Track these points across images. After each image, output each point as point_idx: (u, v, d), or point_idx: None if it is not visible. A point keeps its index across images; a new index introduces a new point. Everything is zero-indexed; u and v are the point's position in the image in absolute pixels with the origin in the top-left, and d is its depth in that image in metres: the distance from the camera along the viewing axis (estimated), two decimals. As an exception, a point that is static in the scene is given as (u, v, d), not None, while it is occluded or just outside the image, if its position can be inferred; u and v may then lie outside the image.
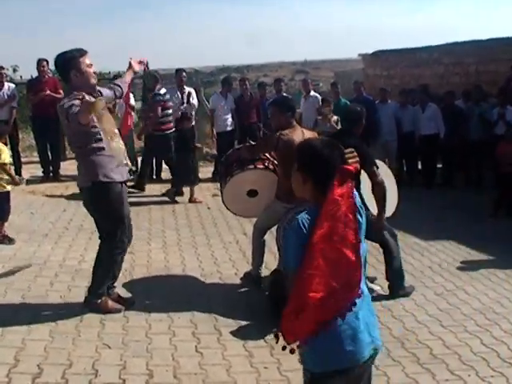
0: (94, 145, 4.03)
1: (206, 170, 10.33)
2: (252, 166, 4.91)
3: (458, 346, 4.06)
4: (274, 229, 4.90)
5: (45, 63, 8.79)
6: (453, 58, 13.32)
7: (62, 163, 9.92)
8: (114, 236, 4.21)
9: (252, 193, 5.06)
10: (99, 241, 4.36)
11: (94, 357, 3.66)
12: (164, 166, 9.91)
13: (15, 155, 9.39)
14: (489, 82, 11.54)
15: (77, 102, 3.86)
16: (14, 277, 4.98)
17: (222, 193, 5.12)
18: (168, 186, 9.10)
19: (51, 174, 9.48)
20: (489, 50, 12.21)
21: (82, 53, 4.05)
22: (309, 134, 4.75)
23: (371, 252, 5.58)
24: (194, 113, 9.42)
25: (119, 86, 4.43)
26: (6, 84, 9.06)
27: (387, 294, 4.92)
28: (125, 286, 4.94)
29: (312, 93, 10.37)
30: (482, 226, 7.43)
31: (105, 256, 4.28)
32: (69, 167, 10.10)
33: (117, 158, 4.11)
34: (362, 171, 4.82)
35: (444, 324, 4.43)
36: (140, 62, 4.56)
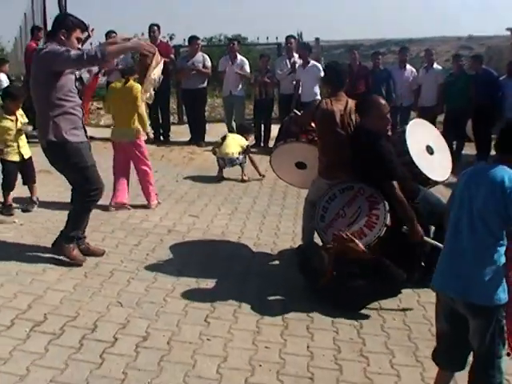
0: (57, 102, 4.11)
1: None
2: (294, 139, 4.61)
3: None
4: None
5: (155, 28, 8.91)
6: None
7: (173, 127, 10.13)
8: (83, 186, 4.34)
9: (301, 164, 4.76)
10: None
11: (102, 312, 3.63)
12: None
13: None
14: None
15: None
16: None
17: (270, 160, 4.91)
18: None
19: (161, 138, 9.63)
20: None
21: (78, 25, 4.20)
22: (353, 105, 4.25)
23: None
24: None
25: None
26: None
27: None
28: (173, 246, 4.89)
29: (435, 65, 9.50)
30: None
31: (78, 204, 4.49)
32: (184, 130, 10.22)
33: (77, 120, 4.24)
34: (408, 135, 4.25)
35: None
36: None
